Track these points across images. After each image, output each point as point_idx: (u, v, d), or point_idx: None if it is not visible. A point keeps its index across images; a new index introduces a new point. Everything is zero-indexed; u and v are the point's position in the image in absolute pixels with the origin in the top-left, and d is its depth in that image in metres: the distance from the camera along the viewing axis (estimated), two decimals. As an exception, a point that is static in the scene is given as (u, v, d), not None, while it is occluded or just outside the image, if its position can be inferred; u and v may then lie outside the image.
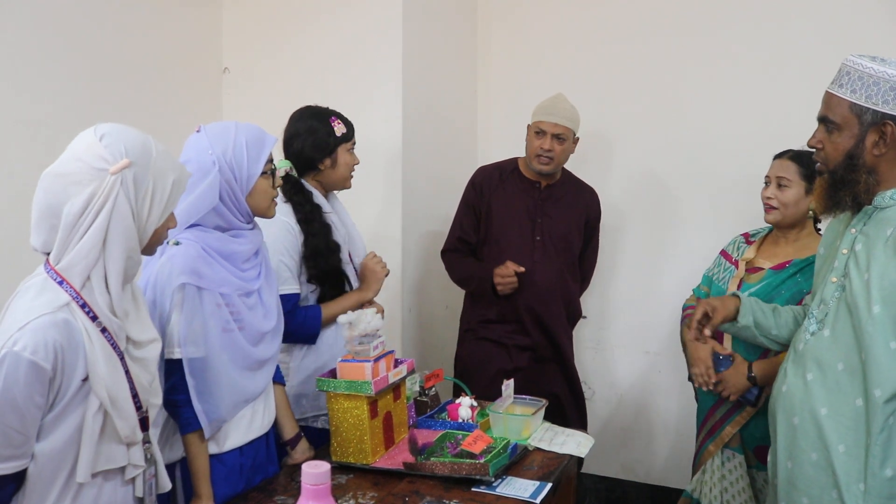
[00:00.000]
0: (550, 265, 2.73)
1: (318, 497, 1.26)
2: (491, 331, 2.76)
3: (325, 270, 2.16)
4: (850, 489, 1.59)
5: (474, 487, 1.71)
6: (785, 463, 1.74)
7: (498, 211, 2.76)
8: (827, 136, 1.66)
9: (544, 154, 2.66)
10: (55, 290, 1.33)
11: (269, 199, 1.83)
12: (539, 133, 2.67)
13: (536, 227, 2.74)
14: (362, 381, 1.80)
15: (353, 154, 2.31)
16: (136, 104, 2.81)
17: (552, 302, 2.73)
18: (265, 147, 1.78)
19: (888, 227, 1.62)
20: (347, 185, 2.34)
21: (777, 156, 2.33)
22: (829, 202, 1.70)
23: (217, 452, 1.73)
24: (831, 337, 1.67)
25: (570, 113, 2.68)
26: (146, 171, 1.36)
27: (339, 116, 2.28)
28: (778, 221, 2.28)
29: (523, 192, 2.77)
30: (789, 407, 1.73)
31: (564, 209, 2.78)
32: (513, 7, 3.48)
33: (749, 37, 3.02)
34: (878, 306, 1.57)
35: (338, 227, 2.25)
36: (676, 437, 3.27)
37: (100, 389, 1.34)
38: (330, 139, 2.24)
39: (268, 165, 1.79)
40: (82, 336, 1.33)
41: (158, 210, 1.39)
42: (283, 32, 3.17)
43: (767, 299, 2.22)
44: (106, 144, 1.34)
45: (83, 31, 2.62)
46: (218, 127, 1.77)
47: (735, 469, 2.29)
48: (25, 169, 2.36)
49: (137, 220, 1.37)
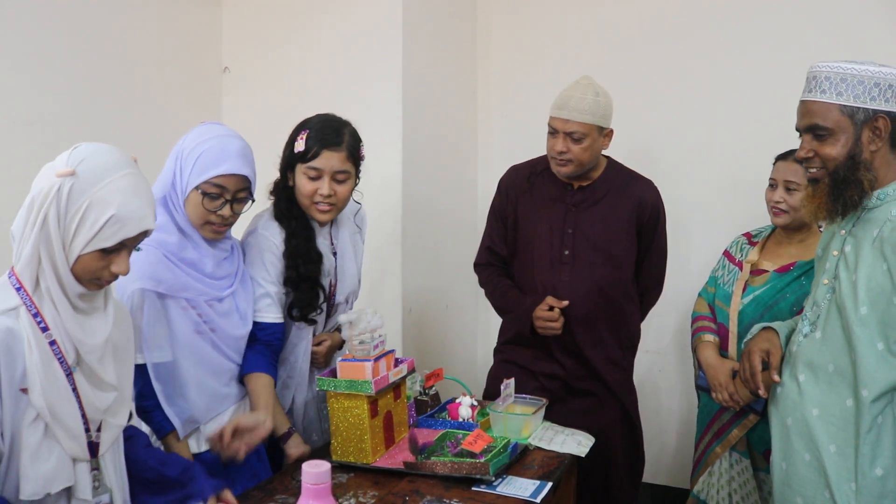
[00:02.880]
0: (583, 284, 2.31)
1: (318, 496, 1.27)
2: (515, 353, 2.42)
3: (301, 275, 1.95)
4: (842, 489, 1.60)
5: (475, 487, 1.71)
6: (780, 463, 1.75)
7: (525, 219, 2.39)
8: (818, 145, 1.65)
9: (558, 157, 2.27)
10: (9, 293, 1.32)
11: (201, 220, 1.74)
12: (552, 132, 2.28)
13: (566, 239, 2.32)
14: (363, 380, 1.80)
15: (314, 182, 1.91)
16: (136, 104, 2.82)
17: (586, 326, 2.32)
18: (211, 169, 1.69)
19: (875, 228, 1.62)
20: (314, 216, 1.96)
21: (781, 157, 2.31)
22: (832, 207, 1.66)
23: (196, 452, 1.75)
24: (822, 339, 1.67)
25: (588, 104, 2.22)
26: (86, 190, 1.30)
27: (315, 130, 1.93)
28: (787, 225, 2.27)
29: (553, 197, 2.37)
30: (783, 408, 1.74)
31: (604, 214, 2.33)
32: (513, 7, 3.48)
33: (750, 36, 3.02)
34: (865, 307, 1.58)
35: (323, 247, 2.03)
36: (677, 436, 3.27)
37: (37, 399, 1.30)
38: (287, 152, 1.96)
39: (208, 187, 1.70)
40: (23, 345, 1.30)
41: (83, 238, 1.30)
42: (283, 32, 3.17)
43: (772, 302, 2.23)
44: (74, 152, 1.33)
45: (83, 31, 2.62)
46: (206, 126, 1.75)
47: (743, 472, 2.29)
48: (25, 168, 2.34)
49: (63, 235, 1.31)
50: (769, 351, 1.80)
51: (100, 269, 1.34)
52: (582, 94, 2.23)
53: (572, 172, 2.31)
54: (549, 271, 2.34)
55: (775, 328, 1.86)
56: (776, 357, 1.78)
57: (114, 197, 1.31)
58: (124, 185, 1.33)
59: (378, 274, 3.02)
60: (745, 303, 2.27)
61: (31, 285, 1.32)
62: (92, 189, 1.30)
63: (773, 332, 1.85)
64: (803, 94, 1.68)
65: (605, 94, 2.29)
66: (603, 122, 2.28)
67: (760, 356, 1.80)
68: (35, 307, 1.32)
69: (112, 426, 1.43)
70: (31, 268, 1.31)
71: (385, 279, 3.03)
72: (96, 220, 1.30)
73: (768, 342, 1.82)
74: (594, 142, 2.27)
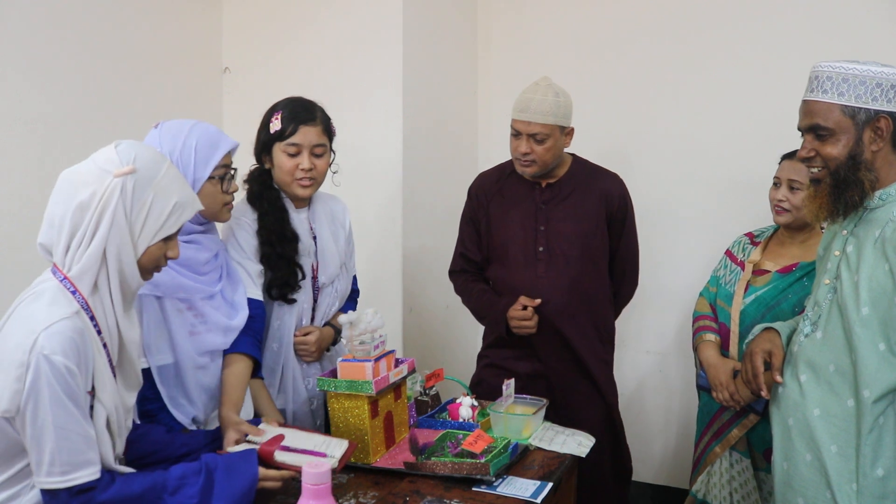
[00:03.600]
0: (560, 278, 2.36)
1: (318, 496, 1.27)
2: (498, 355, 2.45)
3: (279, 253, 1.98)
4: (843, 489, 1.60)
5: (475, 487, 1.71)
6: (781, 464, 1.76)
7: (497, 221, 2.44)
8: (820, 145, 1.65)
9: (522, 158, 2.32)
10: (67, 297, 1.33)
11: (219, 204, 1.78)
12: (516, 134, 2.32)
13: (539, 236, 2.38)
14: (363, 380, 1.80)
15: (294, 158, 1.98)
16: (136, 104, 2.82)
17: (567, 320, 2.36)
18: (216, 151, 1.73)
19: (877, 229, 1.63)
20: (296, 192, 2.02)
21: (786, 156, 2.32)
22: (833, 207, 1.66)
23: None
24: (823, 339, 1.68)
25: (549, 105, 2.26)
26: (148, 183, 1.37)
27: (288, 109, 2.00)
28: (789, 223, 2.27)
29: (522, 197, 2.42)
30: (784, 408, 1.75)
31: (574, 209, 2.39)
32: (513, 7, 3.48)
33: (751, 36, 3.02)
34: (867, 308, 1.58)
35: (298, 227, 2.05)
36: (677, 436, 3.27)
37: (108, 401, 1.34)
38: (263, 133, 2.03)
39: (219, 170, 1.74)
40: (93, 347, 1.33)
41: (152, 227, 1.38)
42: (283, 32, 3.17)
43: (774, 302, 2.23)
44: (119, 151, 1.37)
45: (83, 31, 2.62)
46: (174, 125, 1.73)
47: (743, 472, 2.29)
48: (24, 168, 2.37)
49: (131, 232, 1.36)
50: (771, 351, 1.80)
51: (161, 257, 1.42)
52: (542, 95, 2.28)
53: (537, 172, 2.36)
54: (526, 269, 2.38)
55: (777, 328, 1.86)
56: (778, 358, 1.79)
57: (173, 185, 1.41)
58: (174, 173, 1.42)
59: (378, 274, 3.02)
60: (747, 303, 2.27)
61: (88, 290, 1.34)
62: (153, 181, 1.37)
63: (775, 332, 1.85)
64: (805, 94, 1.68)
65: (566, 94, 2.35)
66: (564, 121, 2.33)
67: (762, 357, 1.80)
68: (91, 311, 1.35)
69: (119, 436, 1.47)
70: (93, 271, 1.34)
71: (385, 279, 3.03)
72: (163, 209, 1.38)
73: (770, 343, 1.82)
74: (556, 141, 2.32)
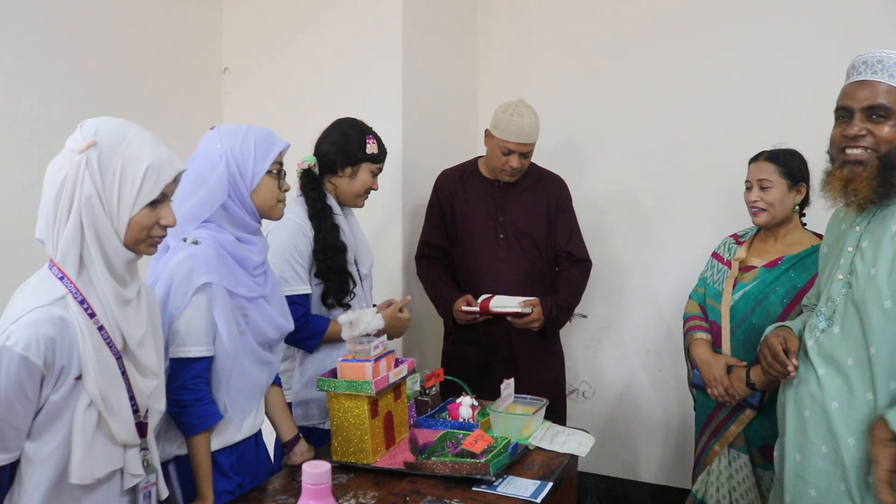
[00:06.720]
0: (517, 259, 2.76)
1: (318, 497, 1.26)
2: (464, 331, 2.76)
3: (331, 267, 2.20)
4: (860, 482, 1.61)
5: (475, 487, 1.71)
6: (794, 455, 1.76)
7: (461, 213, 2.81)
8: (873, 125, 1.64)
9: (511, 171, 2.68)
10: (53, 283, 1.32)
11: (275, 200, 1.83)
12: (507, 152, 2.65)
13: (499, 225, 2.77)
14: (363, 380, 1.80)
15: (375, 179, 2.34)
16: (136, 104, 2.82)
17: (522, 294, 2.70)
18: (273, 147, 1.80)
19: (893, 224, 1.63)
20: (359, 203, 2.36)
21: (752, 159, 2.38)
22: (879, 188, 1.63)
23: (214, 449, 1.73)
24: (841, 333, 1.69)
25: (535, 126, 2.65)
26: (114, 152, 1.33)
27: (377, 138, 2.33)
28: (768, 222, 2.32)
29: (483, 192, 2.80)
30: (800, 401, 1.76)
31: (526, 204, 2.79)
32: (513, 8, 3.48)
33: (745, 38, 3.03)
34: (890, 301, 1.59)
35: (346, 231, 2.28)
36: (677, 436, 3.27)
37: (91, 387, 1.32)
38: (358, 152, 2.28)
39: (275, 166, 1.81)
40: (76, 333, 1.31)
41: (129, 196, 1.34)
42: (283, 32, 3.17)
43: (763, 296, 2.26)
44: (83, 129, 1.35)
45: (83, 31, 2.62)
46: (230, 126, 1.81)
47: (741, 469, 2.30)
48: (23, 168, 2.37)
49: (106, 205, 1.33)
50: (786, 337, 1.81)
51: (151, 225, 1.39)
52: (530, 119, 2.64)
53: (517, 178, 2.76)
54: (489, 251, 2.77)
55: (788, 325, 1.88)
56: (794, 343, 1.80)
57: (142, 150, 1.36)
58: (144, 137, 1.38)
59: (379, 274, 3.02)
60: (736, 298, 2.31)
61: (74, 272, 1.33)
62: (119, 150, 1.34)
63: (787, 328, 1.87)
64: (860, 76, 1.66)
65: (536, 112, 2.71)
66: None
67: (780, 345, 1.80)
68: (80, 294, 1.33)
69: (154, 412, 1.47)
70: (74, 251, 1.32)
71: (386, 280, 3.03)
72: (135, 175, 1.34)
73: (785, 331, 1.85)
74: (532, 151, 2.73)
